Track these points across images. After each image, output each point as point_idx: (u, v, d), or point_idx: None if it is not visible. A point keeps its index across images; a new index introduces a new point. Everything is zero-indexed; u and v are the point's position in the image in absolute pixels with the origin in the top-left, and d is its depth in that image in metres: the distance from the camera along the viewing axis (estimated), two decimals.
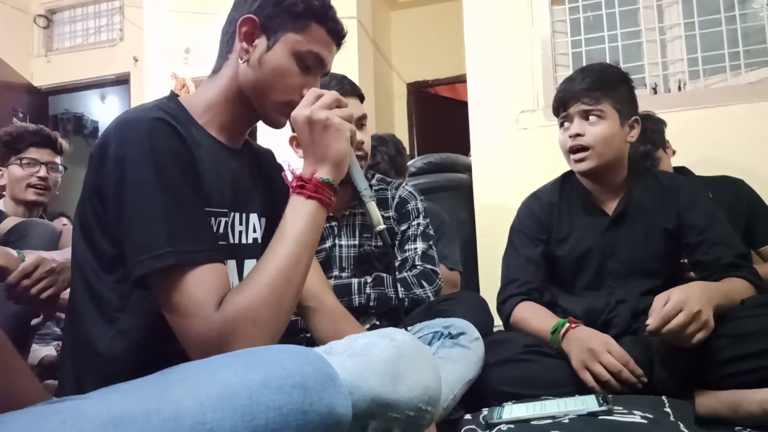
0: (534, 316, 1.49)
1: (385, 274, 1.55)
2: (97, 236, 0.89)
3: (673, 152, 2.17)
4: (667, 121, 2.15)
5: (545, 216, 1.63)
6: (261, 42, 0.97)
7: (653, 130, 2.11)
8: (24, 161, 1.99)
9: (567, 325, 1.37)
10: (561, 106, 1.57)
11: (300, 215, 0.87)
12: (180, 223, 0.82)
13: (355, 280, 1.53)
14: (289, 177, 0.92)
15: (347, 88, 1.54)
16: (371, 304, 1.50)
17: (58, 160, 2.07)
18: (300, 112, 0.91)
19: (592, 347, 1.28)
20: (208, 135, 0.99)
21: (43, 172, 2.00)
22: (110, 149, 0.85)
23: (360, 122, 1.55)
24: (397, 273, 1.59)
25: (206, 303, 0.79)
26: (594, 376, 1.27)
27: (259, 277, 0.82)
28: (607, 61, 2.70)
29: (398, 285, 1.52)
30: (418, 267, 1.57)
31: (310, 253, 0.88)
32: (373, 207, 0.98)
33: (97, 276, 0.90)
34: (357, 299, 1.49)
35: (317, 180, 0.89)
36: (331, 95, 0.93)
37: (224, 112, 1.01)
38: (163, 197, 0.82)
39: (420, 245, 1.60)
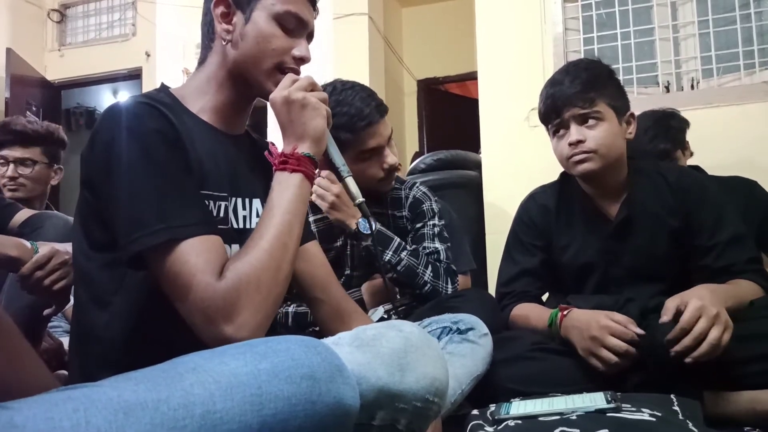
0: (531, 314, 1.47)
1: (422, 251, 1.54)
2: (91, 224, 0.91)
3: (691, 154, 2.14)
4: None
5: (543, 222, 1.57)
6: (238, 18, 0.99)
7: (677, 128, 2.06)
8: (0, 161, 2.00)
9: (560, 314, 1.35)
10: (553, 113, 1.46)
11: (286, 187, 0.89)
12: (170, 201, 0.83)
13: (397, 238, 1.52)
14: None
15: (382, 109, 1.50)
16: (399, 268, 1.48)
17: (31, 153, 2.02)
18: (278, 93, 0.94)
19: (594, 334, 1.25)
20: (201, 122, 1.00)
21: (10, 171, 1.99)
22: (98, 137, 0.88)
23: (389, 140, 1.54)
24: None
25: (207, 271, 0.79)
26: (603, 361, 1.24)
27: (256, 244, 0.83)
28: (620, 59, 2.71)
29: (429, 267, 1.52)
30: (445, 262, 1.57)
31: (301, 222, 0.90)
32: (351, 182, 1.02)
33: (91, 262, 0.93)
34: (389, 255, 1.48)
35: (299, 154, 0.92)
36: (306, 79, 0.96)
37: (215, 98, 1.02)
38: (151, 176, 0.83)
39: (440, 245, 1.60)
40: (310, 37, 1.05)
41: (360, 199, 1.02)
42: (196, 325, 0.79)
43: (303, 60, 1.01)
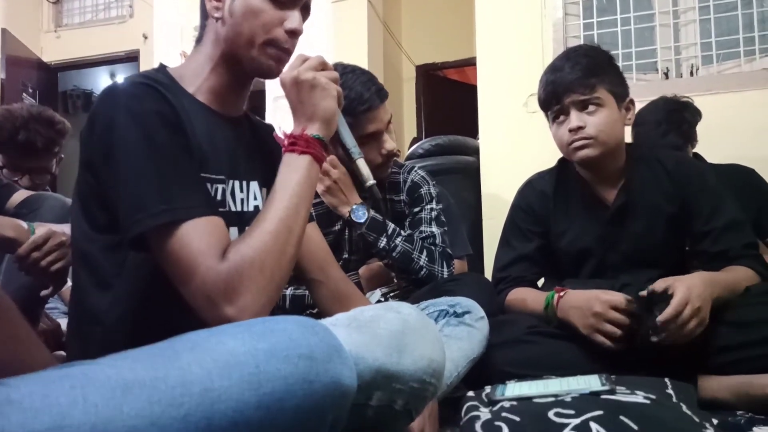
0: (528, 297, 1.48)
1: (417, 236, 1.54)
2: (92, 207, 0.91)
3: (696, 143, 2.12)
4: None
5: (541, 208, 1.57)
6: None
7: (690, 122, 2.02)
8: (6, 165, 1.86)
9: (556, 296, 1.36)
10: (553, 99, 1.46)
11: (294, 169, 0.88)
12: (171, 182, 0.82)
13: (392, 225, 1.51)
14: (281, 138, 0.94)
15: (382, 93, 1.50)
16: (394, 255, 1.48)
17: (46, 163, 1.90)
18: (287, 73, 0.93)
19: (596, 311, 1.26)
20: (199, 103, 0.99)
21: (25, 181, 1.87)
22: (97, 119, 0.87)
23: (388, 125, 1.53)
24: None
25: (209, 253, 0.79)
26: (608, 336, 1.25)
27: (261, 227, 0.83)
28: (619, 45, 2.70)
29: (424, 251, 1.52)
30: (441, 246, 1.57)
31: (308, 205, 0.89)
32: (362, 164, 1.01)
33: (93, 245, 0.92)
34: (383, 242, 1.47)
35: (308, 136, 0.90)
36: (316, 59, 0.94)
37: (212, 78, 1.00)
38: (152, 158, 0.82)
39: (436, 229, 1.60)
40: (306, 9, 1.01)
41: (371, 181, 1.01)
42: (199, 308, 0.79)
43: (294, 33, 0.97)
